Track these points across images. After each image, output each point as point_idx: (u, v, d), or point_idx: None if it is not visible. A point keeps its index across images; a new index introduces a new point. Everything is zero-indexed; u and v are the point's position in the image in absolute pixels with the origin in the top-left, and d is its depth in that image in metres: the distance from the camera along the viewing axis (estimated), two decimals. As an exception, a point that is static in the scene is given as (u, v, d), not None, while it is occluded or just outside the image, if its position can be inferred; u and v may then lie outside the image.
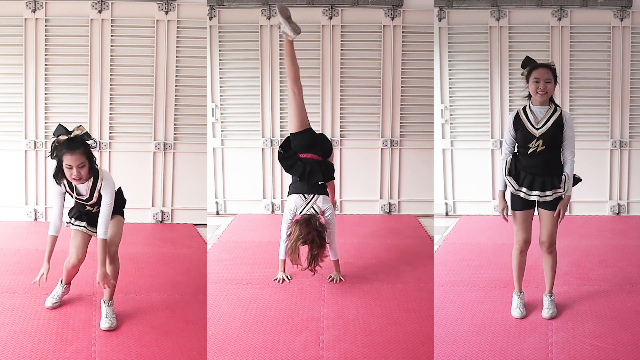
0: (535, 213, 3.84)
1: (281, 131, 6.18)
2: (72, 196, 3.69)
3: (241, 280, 4.49)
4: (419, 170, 6.23)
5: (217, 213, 6.28)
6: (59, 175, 3.59)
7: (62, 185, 3.63)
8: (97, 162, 3.72)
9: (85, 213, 3.76)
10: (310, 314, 3.97)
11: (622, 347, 3.54)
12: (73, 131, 3.52)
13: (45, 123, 5.84)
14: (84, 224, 3.77)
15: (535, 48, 6.07)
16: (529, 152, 3.70)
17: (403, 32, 6.08)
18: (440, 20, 6.06)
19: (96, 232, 3.65)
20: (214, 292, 4.28)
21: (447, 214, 6.28)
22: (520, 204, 3.78)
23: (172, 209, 6.01)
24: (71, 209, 3.83)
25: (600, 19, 6.02)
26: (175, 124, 5.92)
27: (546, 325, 3.80)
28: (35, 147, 5.86)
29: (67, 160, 3.49)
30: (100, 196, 3.63)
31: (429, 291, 4.30)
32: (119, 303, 3.98)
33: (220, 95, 6.16)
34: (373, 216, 6.24)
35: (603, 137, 6.14)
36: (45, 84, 5.81)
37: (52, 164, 5.48)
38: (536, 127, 3.68)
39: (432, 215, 6.09)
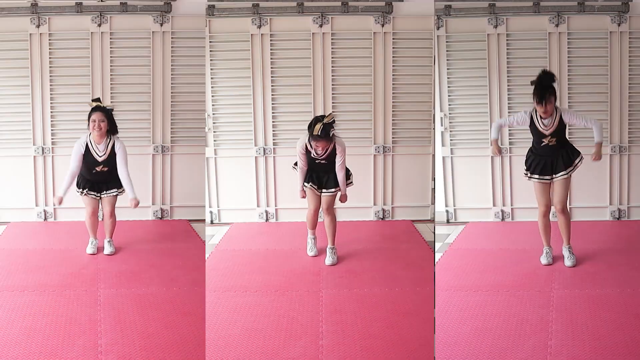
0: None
1: (274, 139, 6.18)
2: (91, 152, 4.86)
3: (239, 288, 4.50)
4: (412, 176, 6.23)
5: (212, 222, 6.28)
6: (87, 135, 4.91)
7: (84, 145, 4.87)
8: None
9: (92, 179, 4.92)
10: (309, 319, 3.97)
11: (622, 351, 3.52)
12: (96, 103, 4.95)
13: (52, 130, 6.08)
14: (93, 193, 4.99)
15: (533, 55, 6.06)
16: (541, 145, 4.75)
17: (393, 38, 6.09)
18: (438, 28, 6.07)
19: (101, 196, 5.01)
20: (213, 300, 4.28)
21: (447, 221, 6.27)
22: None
23: (170, 207, 6.24)
24: (79, 182, 4.97)
25: (597, 24, 6.03)
26: (172, 128, 6.13)
27: (545, 328, 3.79)
28: (43, 153, 6.10)
29: (93, 116, 4.86)
30: (112, 153, 4.88)
31: (426, 295, 4.29)
32: (122, 297, 4.31)
33: (212, 105, 6.18)
34: (367, 222, 6.22)
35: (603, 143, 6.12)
36: (51, 94, 6.04)
37: (59, 167, 6.03)
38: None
39: (427, 221, 6.08)
